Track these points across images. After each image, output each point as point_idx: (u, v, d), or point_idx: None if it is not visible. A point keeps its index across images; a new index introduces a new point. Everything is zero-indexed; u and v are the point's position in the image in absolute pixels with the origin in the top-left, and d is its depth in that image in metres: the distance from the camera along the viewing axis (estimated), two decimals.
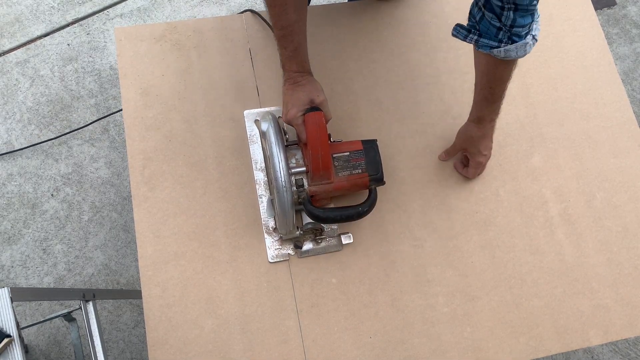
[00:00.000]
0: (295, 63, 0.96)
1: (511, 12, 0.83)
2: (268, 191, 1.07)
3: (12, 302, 1.04)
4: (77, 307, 1.28)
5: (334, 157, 0.97)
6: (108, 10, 2.05)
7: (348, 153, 0.98)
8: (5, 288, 1.04)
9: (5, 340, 1.01)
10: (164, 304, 1.00)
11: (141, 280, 1.01)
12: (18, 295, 1.08)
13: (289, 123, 0.97)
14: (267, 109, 1.13)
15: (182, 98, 1.13)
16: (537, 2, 0.83)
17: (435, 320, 1.04)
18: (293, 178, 0.96)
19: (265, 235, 1.05)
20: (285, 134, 1.01)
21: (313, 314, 1.02)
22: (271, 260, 1.03)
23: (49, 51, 1.98)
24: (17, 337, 1.03)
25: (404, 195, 1.11)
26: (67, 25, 2.02)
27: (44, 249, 1.78)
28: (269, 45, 1.18)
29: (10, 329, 1.03)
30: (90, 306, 1.27)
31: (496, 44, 0.89)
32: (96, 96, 1.94)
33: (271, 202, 1.04)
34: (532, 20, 0.86)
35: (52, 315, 1.43)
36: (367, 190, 1.01)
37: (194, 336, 0.99)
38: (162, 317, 0.99)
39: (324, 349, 1.00)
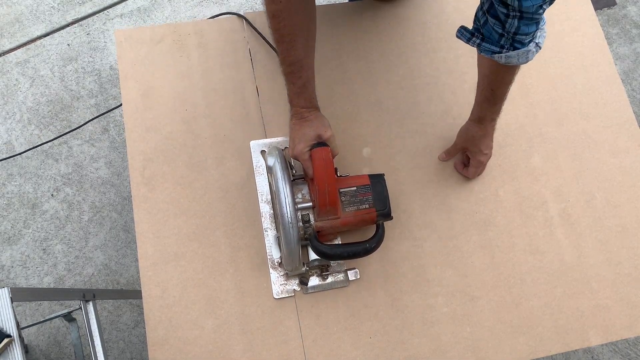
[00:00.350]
0: (303, 99, 0.95)
1: (516, 20, 0.82)
2: (274, 224, 1.05)
3: (12, 302, 1.04)
4: (77, 307, 1.29)
5: (341, 192, 0.96)
6: (108, 10, 2.05)
7: (355, 188, 0.97)
8: (6, 288, 1.04)
9: (6, 340, 1.01)
10: (164, 304, 1.00)
11: (141, 281, 1.01)
12: (18, 295, 1.08)
13: (295, 158, 0.96)
14: (273, 139, 1.11)
15: (183, 99, 1.13)
16: (544, 10, 0.81)
17: (435, 320, 1.04)
18: (299, 213, 0.94)
19: (271, 270, 1.03)
20: (291, 169, 0.99)
21: (313, 314, 1.02)
22: (276, 297, 1.02)
23: (49, 51, 1.98)
24: (17, 337, 1.03)
25: (404, 195, 1.11)
26: (67, 25, 2.02)
27: (44, 249, 1.78)
28: (268, 48, 1.18)
29: (11, 329, 1.03)
30: (90, 306, 1.28)
31: (498, 49, 0.89)
32: (96, 96, 1.94)
33: (277, 239, 1.03)
34: (537, 29, 0.86)
35: (52, 316, 1.43)
36: (375, 225, 0.99)
37: (194, 336, 0.99)
38: (162, 318, 0.99)
39: (323, 349, 1.00)
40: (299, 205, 0.95)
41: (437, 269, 1.07)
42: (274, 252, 1.03)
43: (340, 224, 0.96)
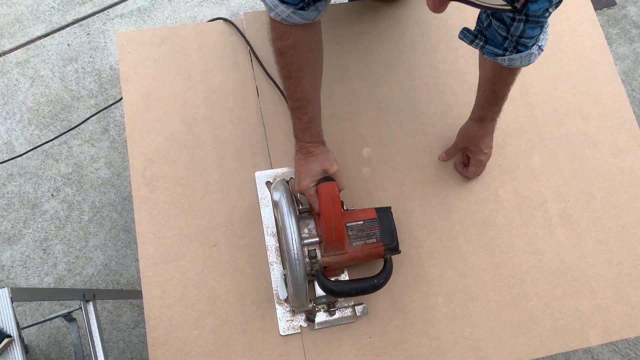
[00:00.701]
0: (309, 134, 0.95)
1: (521, 24, 0.82)
2: (279, 258, 1.04)
3: (12, 302, 1.04)
4: (77, 307, 1.29)
5: (348, 227, 0.95)
6: (108, 10, 2.05)
7: (362, 222, 0.96)
8: (6, 288, 1.05)
9: (6, 340, 1.01)
10: (165, 305, 1.00)
11: (142, 281, 1.01)
12: (18, 295, 1.08)
13: (301, 193, 0.95)
14: (278, 170, 1.10)
15: (183, 101, 1.13)
16: (550, 14, 0.81)
17: (434, 320, 1.04)
18: (306, 249, 0.93)
19: (277, 306, 1.02)
20: (297, 203, 0.98)
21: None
22: (282, 334, 1.00)
23: (49, 51, 1.98)
24: (18, 337, 1.03)
25: (404, 195, 1.11)
26: (67, 25, 2.02)
27: (44, 249, 1.78)
28: (268, 48, 1.18)
29: (11, 329, 1.03)
30: (90, 306, 1.28)
31: (501, 52, 0.89)
32: (96, 96, 1.94)
33: (284, 277, 1.01)
34: (541, 32, 0.86)
35: (52, 316, 1.43)
36: (382, 259, 0.98)
37: (194, 336, 0.99)
38: (162, 318, 0.99)
39: (323, 349, 1.00)
40: (306, 241, 0.93)
41: (437, 269, 1.07)
42: (280, 290, 1.01)
43: (347, 259, 0.95)
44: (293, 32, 0.87)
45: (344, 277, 1.04)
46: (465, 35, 0.93)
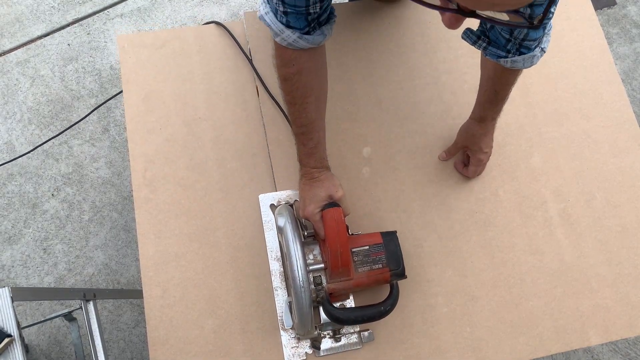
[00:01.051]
0: (313, 159, 0.94)
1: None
2: (284, 283, 1.03)
3: (12, 302, 1.04)
4: (78, 306, 1.29)
5: (353, 252, 0.94)
6: (108, 10, 2.05)
7: (367, 247, 0.95)
8: (6, 288, 1.05)
9: (6, 340, 1.01)
10: (165, 304, 1.00)
11: (142, 281, 1.01)
12: (19, 294, 1.08)
13: (306, 219, 0.95)
14: (282, 192, 1.08)
15: (184, 102, 1.13)
16: (553, 15, 0.81)
17: (435, 320, 1.04)
18: (311, 276, 0.92)
19: (281, 332, 1.00)
20: (302, 228, 0.98)
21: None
22: None
23: (49, 51, 1.98)
24: (18, 336, 1.03)
25: (404, 195, 1.12)
26: (68, 25, 2.02)
27: (44, 249, 1.78)
28: (268, 48, 1.18)
29: (11, 328, 1.03)
30: (90, 306, 1.28)
31: (504, 54, 0.89)
32: (96, 96, 1.94)
33: (289, 304, 1.00)
34: (544, 34, 0.86)
35: (53, 315, 1.43)
36: (388, 285, 0.97)
37: (195, 336, 0.99)
38: (162, 317, 0.99)
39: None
40: (311, 267, 0.92)
41: (437, 269, 1.07)
42: (285, 317, 1.00)
43: (353, 285, 0.94)
44: (298, 58, 0.86)
45: (350, 302, 1.02)
46: (469, 35, 0.93)
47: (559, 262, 1.10)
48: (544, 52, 0.90)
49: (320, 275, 0.93)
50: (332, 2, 0.85)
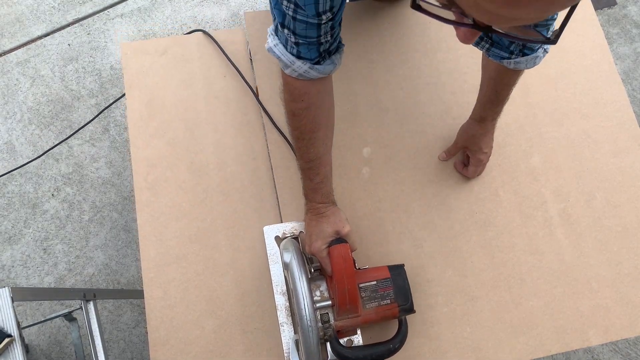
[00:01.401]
0: (320, 194, 0.93)
1: (529, 28, 0.82)
2: (289, 318, 1.01)
3: (13, 302, 1.05)
4: (78, 306, 1.29)
5: (361, 288, 0.93)
6: (108, 10, 2.05)
7: (375, 282, 0.93)
8: (6, 288, 1.05)
9: (6, 340, 1.01)
10: (166, 305, 1.00)
11: (143, 282, 1.01)
12: (19, 295, 1.08)
13: (312, 255, 0.93)
14: (287, 224, 1.06)
15: (185, 107, 1.14)
16: (557, 16, 0.81)
17: (434, 320, 1.04)
18: (318, 313, 0.91)
19: None
20: (308, 262, 0.96)
21: None
22: None
23: (50, 51, 1.98)
24: (18, 336, 1.03)
25: (404, 195, 1.12)
26: (68, 25, 2.02)
27: (44, 249, 1.78)
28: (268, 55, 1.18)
29: (11, 328, 1.03)
30: (90, 306, 1.28)
31: (507, 55, 0.89)
32: (96, 96, 1.94)
33: (296, 342, 0.98)
34: (547, 34, 0.86)
35: (53, 315, 1.43)
36: (397, 320, 0.96)
37: (195, 336, 0.99)
38: (163, 318, 0.99)
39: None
40: (318, 304, 0.91)
41: (437, 269, 1.07)
42: (292, 356, 0.97)
43: (360, 322, 0.93)
44: (308, 93, 0.85)
45: (357, 337, 1.01)
46: None
47: (559, 262, 1.10)
48: (547, 52, 0.90)
49: (327, 313, 0.91)
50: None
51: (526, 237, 1.11)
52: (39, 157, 1.83)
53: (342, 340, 0.97)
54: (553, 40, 0.57)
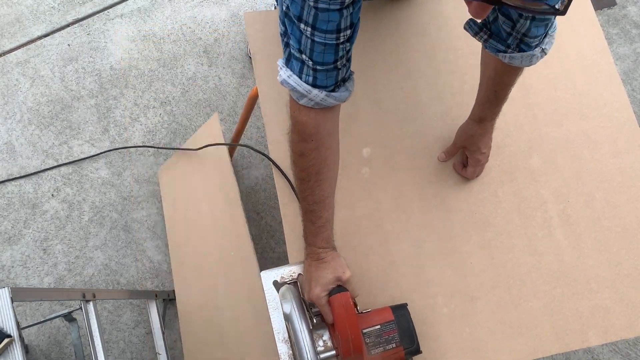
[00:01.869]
0: (320, 239, 0.91)
1: (528, 21, 0.82)
2: None
3: (12, 302, 1.04)
4: (78, 307, 1.29)
5: (365, 333, 0.89)
6: (108, 10, 2.05)
7: (379, 326, 0.90)
8: (6, 288, 1.04)
9: (6, 340, 1.01)
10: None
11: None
12: (18, 295, 1.08)
13: (312, 302, 0.91)
14: (285, 268, 1.02)
15: None
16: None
17: (434, 321, 1.04)
18: None
19: None
20: (309, 309, 0.94)
21: None
22: None
23: (49, 51, 1.98)
24: (18, 337, 1.03)
25: (404, 196, 1.11)
26: (68, 25, 2.02)
27: (44, 249, 1.78)
28: (268, 48, 1.17)
29: (11, 329, 1.03)
30: (90, 306, 1.27)
31: (504, 48, 0.89)
32: (96, 96, 1.94)
33: None
34: (545, 33, 0.85)
35: (53, 316, 1.43)
36: None
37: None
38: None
39: None
40: (322, 355, 0.88)
41: (437, 269, 1.07)
42: None
43: None
44: (317, 133, 0.84)
45: None
46: (471, 26, 0.92)
47: (558, 263, 1.09)
48: (545, 53, 0.90)
49: None
50: None
51: (525, 237, 1.11)
52: (53, 167, 1.83)
53: None
54: (562, 12, 0.58)
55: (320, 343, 0.90)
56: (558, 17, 1.26)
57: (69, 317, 1.39)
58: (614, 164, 1.17)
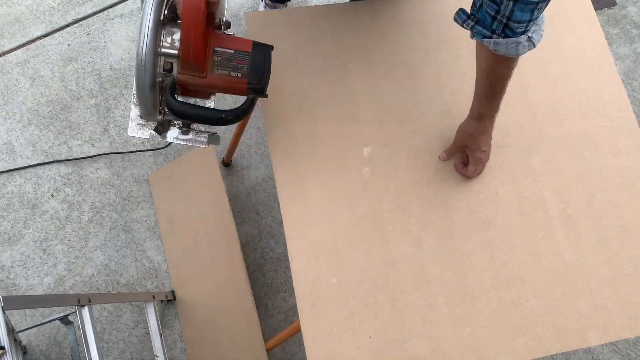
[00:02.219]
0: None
1: (511, 3, 0.82)
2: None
3: (4, 312, 0.97)
4: (74, 309, 1.27)
5: (216, 51, 0.86)
6: (108, 10, 2.05)
7: (233, 51, 0.86)
8: None
9: None
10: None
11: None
12: (10, 303, 1.00)
13: None
14: None
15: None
16: (544, 3, 0.81)
17: (434, 321, 1.04)
18: (163, 59, 0.86)
19: (132, 106, 0.96)
20: (175, 7, 0.87)
21: (313, 313, 1.02)
22: (130, 134, 0.97)
23: (49, 51, 1.98)
24: (10, 347, 0.96)
25: (404, 196, 1.11)
26: (67, 25, 2.02)
27: (44, 250, 1.78)
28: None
29: (2, 339, 0.95)
30: (85, 311, 1.23)
31: (489, 33, 0.89)
32: (96, 96, 1.94)
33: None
34: (531, 19, 0.85)
35: (49, 319, 1.43)
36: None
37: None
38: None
39: (324, 349, 1.00)
40: (163, 50, 0.85)
41: (437, 269, 1.07)
42: (133, 99, 0.95)
43: (204, 84, 0.87)
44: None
45: (210, 102, 0.97)
46: (460, 15, 0.94)
47: (558, 263, 1.09)
48: (533, 44, 0.89)
49: (172, 62, 0.86)
50: (332, 2, 0.84)
51: (526, 237, 1.11)
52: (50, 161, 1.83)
53: (193, 100, 0.94)
54: None
55: (169, 40, 0.87)
56: (558, 17, 1.26)
57: (65, 320, 1.38)
58: (615, 163, 1.17)
